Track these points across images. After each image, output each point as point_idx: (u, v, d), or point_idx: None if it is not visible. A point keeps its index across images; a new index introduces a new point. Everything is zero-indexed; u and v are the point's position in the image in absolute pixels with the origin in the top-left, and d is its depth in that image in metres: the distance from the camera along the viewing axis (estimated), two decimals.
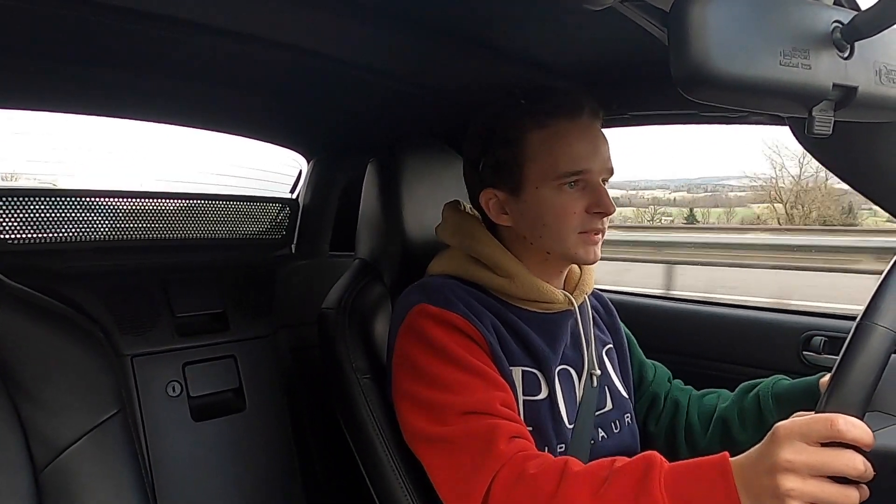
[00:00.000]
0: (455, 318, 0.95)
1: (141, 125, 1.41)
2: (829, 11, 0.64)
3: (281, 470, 1.40)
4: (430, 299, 0.98)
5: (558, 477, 0.78)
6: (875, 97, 0.68)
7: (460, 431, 0.87)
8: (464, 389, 0.90)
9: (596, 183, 0.99)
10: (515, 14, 1.02)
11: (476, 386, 0.90)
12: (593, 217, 0.99)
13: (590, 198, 0.99)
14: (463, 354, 0.93)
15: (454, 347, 0.93)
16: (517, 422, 0.90)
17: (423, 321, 0.96)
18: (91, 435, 1.03)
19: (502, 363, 0.96)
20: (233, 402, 1.38)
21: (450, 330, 0.95)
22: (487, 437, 0.85)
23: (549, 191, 0.99)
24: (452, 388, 0.90)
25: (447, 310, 0.96)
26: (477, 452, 0.85)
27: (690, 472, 0.72)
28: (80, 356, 1.09)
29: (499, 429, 0.85)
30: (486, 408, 0.88)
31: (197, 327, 1.38)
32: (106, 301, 1.26)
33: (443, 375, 0.92)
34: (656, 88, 1.22)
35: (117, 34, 0.99)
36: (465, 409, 0.88)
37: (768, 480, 0.65)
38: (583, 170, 0.98)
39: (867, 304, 0.75)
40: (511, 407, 0.91)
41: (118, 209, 1.38)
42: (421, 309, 0.98)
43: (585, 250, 1.00)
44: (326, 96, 1.38)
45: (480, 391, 0.90)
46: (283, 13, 0.95)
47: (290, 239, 1.75)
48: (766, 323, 1.46)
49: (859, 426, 0.65)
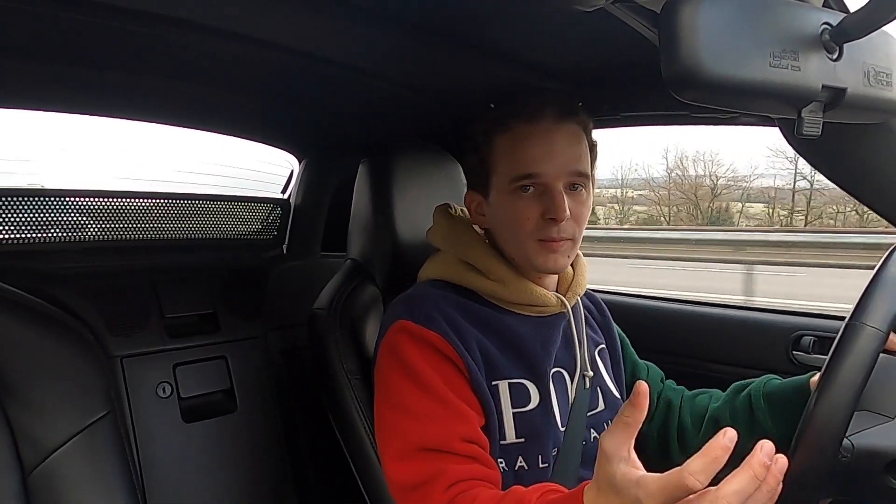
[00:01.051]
0: (434, 338, 0.94)
1: (116, 123, 1.39)
2: (818, 13, 0.64)
3: (272, 471, 1.40)
4: (412, 315, 0.97)
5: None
6: (864, 98, 0.68)
7: (411, 475, 0.88)
8: (425, 419, 0.90)
9: (552, 187, 0.96)
10: (507, 16, 1.02)
11: (437, 417, 0.90)
12: (548, 223, 0.96)
13: (545, 204, 0.96)
14: (433, 379, 0.92)
15: (426, 371, 0.92)
16: (475, 455, 0.89)
17: (402, 339, 0.96)
18: (80, 437, 1.03)
19: (479, 384, 0.94)
20: (223, 404, 1.37)
21: (426, 350, 0.94)
22: (429, 485, 0.86)
23: (506, 195, 0.98)
24: (415, 416, 0.90)
25: (427, 328, 0.95)
26: (420, 497, 0.87)
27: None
28: (70, 358, 1.08)
29: (442, 476, 0.86)
30: (440, 444, 0.88)
31: (187, 328, 1.37)
32: (95, 302, 1.26)
33: (408, 401, 0.92)
34: (647, 89, 1.22)
35: (107, 33, 0.98)
36: (421, 445, 0.88)
37: None
38: (533, 173, 0.95)
39: (856, 304, 0.76)
40: (474, 439, 0.90)
41: (107, 210, 1.38)
42: (401, 325, 0.97)
43: (544, 258, 0.97)
44: (318, 97, 1.38)
45: (441, 423, 0.89)
46: (275, 14, 0.95)
47: (281, 239, 1.74)
48: (757, 323, 1.47)
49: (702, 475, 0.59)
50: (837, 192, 15.31)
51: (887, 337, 0.75)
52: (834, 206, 17.25)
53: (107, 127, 1.40)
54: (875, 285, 0.77)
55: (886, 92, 0.71)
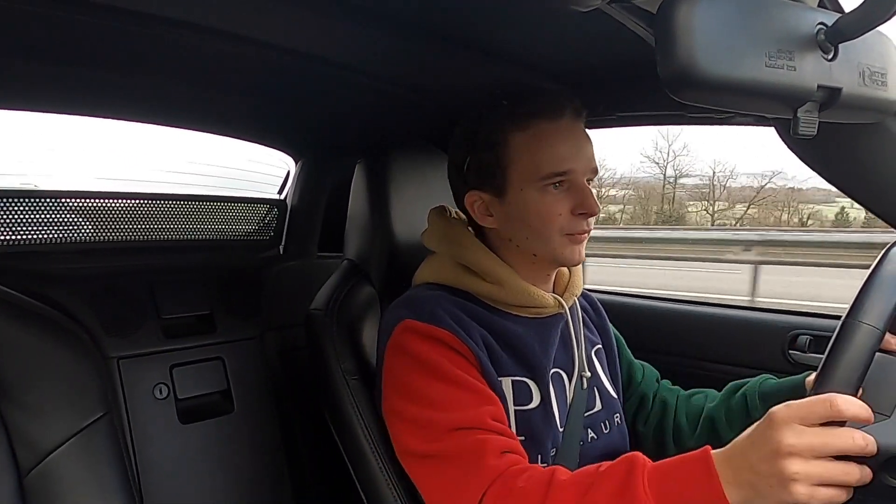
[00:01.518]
0: (442, 334, 0.94)
1: (102, 123, 1.39)
2: (813, 13, 0.65)
3: (269, 471, 1.39)
4: (416, 315, 0.97)
5: (545, 488, 0.78)
6: (859, 98, 0.68)
7: (450, 448, 0.87)
8: (453, 405, 0.89)
9: (580, 184, 0.98)
10: (503, 15, 1.02)
11: (465, 401, 0.90)
12: (578, 218, 0.98)
13: (574, 199, 0.98)
14: (451, 369, 0.92)
15: (442, 362, 0.92)
16: (508, 435, 0.89)
17: (410, 338, 0.95)
18: (77, 438, 1.02)
19: (491, 376, 0.95)
20: (220, 405, 1.37)
21: (437, 345, 0.94)
22: (477, 453, 0.85)
23: (534, 192, 0.98)
24: (441, 404, 0.90)
25: (434, 325, 0.95)
26: (467, 469, 0.85)
27: (673, 469, 0.73)
28: (66, 359, 1.07)
29: (488, 444, 0.85)
30: (475, 423, 0.87)
31: (184, 329, 1.37)
32: (91, 303, 1.25)
33: (431, 392, 0.91)
34: (643, 89, 1.22)
35: (101, 33, 0.98)
36: (454, 426, 0.88)
37: (768, 466, 0.64)
38: (566, 170, 0.97)
39: (852, 302, 0.76)
40: (501, 420, 0.91)
41: (102, 210, 1.37)
42: (407, 325, 0.97)
43: (571, 251, 1.00)
44: (315, 97, 1.37)
45: (470, 406, 0.89)
46: (271, 13, 0.94)
47: (278, 240, 1.74)
48: (753, 322, 1.48)
49: (857, 402, 0.65)
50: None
51: (884, 334, 0.75)
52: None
53: (94, 127, 1.39)
54: (871, 283, 0.78)
55: (881, 92, 0.71)
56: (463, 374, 0.92)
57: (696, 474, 0.69)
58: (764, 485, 0.65)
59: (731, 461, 0.68)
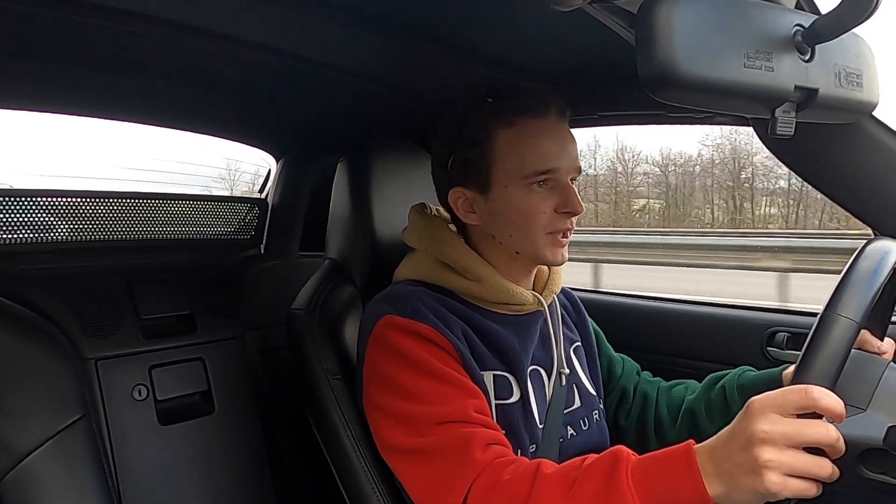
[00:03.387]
0: (424, 329, 0.94)
1: (63, 120, 1.37)
2: (790, 15, 0.66)
3: (251, 473, 1.38)
4: (397, 310, 0.97)
5: (531, 481, 0.78)
6: (835, 99, 0.70)
7: (436, 442, 0.87)
8: (437, 399, 0.89)
9: (564, 182, 0.99)
10: (485, 15, 1.02)
11: (450, 395, 0.90)
12: (561, 216, 0.99)
13: (558, 197, 0.98)
14: (434, 363, 0.92)
15: (425, 357, 0.92)
16: (493, 428, 0.89)
17: (392, 333, 0.95)
18: (54, 441, 1.01)
19: (474, 370, 0.95)
20: (201, 405, 1.36)
21: (419, 340, 0.94)
22: (463, 446, 0.84)
23: (518, 190, 0.98)
24: (426, 398, 0.90)
25: (415, 320, 0.95)
26: (453, 462, 0.84)
27: (656, 463, 0.73)
28: (42, 360, 1.06)
29: (474, 437, 0.85)
30: (460, 416, 0.87)
31: (163, 329, 1.35)
32: (68, 304, 1.23)
33: (415, 386, 0.91)
34: (624, 89, 1.23)
35: (82, 31, 0.97)
36: (439, 420, 0.87)
37: (744, 455, 0.65)
38: (551, 169, 0.97)
39: (831, 295, 0.78)
40: (485, 413, 0.91)
41: (80, 210, 1.35)
42: (389, 321, 0.96)
43: (553, 252, 1.00)
44: (296, 95, 1.37)
45: (454, 400, 0.89)
46: (252, 11, 0.94)
47: (258, 239, 1.73)
48: (732, 319, 1.49)
49: (832, 395, 0.67)
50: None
51: (860, 327, 0.77)
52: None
53: (57, 125, 1.37)
54: (848, 278, 0.79)
55: (857, 93, 0.72)
56: (446, 367, 0.92)
57: (678, 468, 0.70)
58: (740, 473, 0.66)
59: (713, 454, 0.69)
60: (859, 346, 0.92)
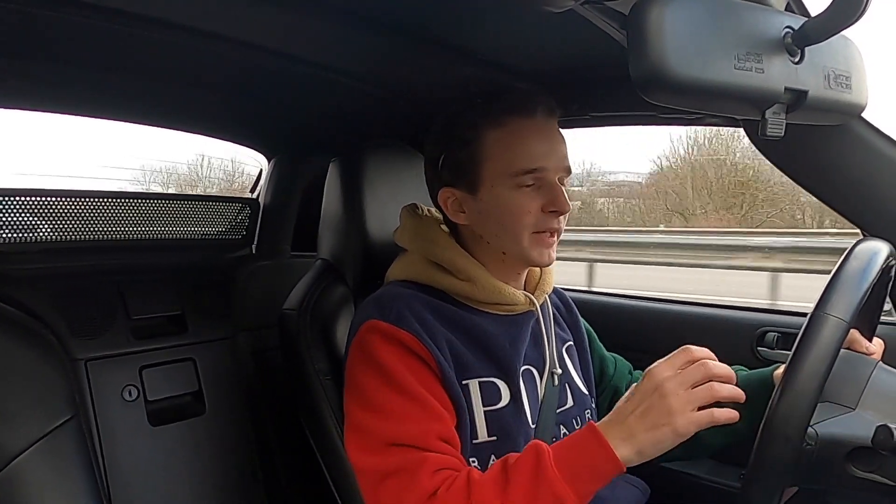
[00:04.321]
0: (405, 337, 0.94)
1: (42, 119, 1.36)
2: (780, 17, 0.66)
3: (242, 474, 1.38)
4: (382, 314, 0.97)
5: (465, 492, 0.82)
6: (824, 101, 0.70)
7: (387, 463, 0.88)
8: (399, 417, 0.89)
9: (552, 182, 0.99)
10: (478, 16, 1.02)
11: (412, 415, 0.90)
12: (549, 216, 0.99)
13: (546, 196, 0.98)
14: (407, 378, 0.92)
15: (399, 370, 0.92)
16: (450, 454, 0.89)
17: (373, 339, 0.95)
18: (43, 442, 1.00)
19: (451, 383, 0.95)
20: (192, 406, 1.35)
21: (398, 349, 0.94)
22: (411, 472, 0.85)
23: (505, 189, 0.98)
24: (389, 414, 0.90)
25: (398, 327, 0.95)
26: (401, 486, 0.86)
27: (571, 446, 0.84)
28: (31, 361, 1.05)
29: (425, 463, 0.86)
30: (416, 440, 0.88)
31: (154, 330, 1.35)
32: (57, 304, 1.23)
33: (380, 400, 0.91)
34: (616, 90, 1.24)
35: (73, 29, 0.96)
36: (393, 440, 0.88)
37: (650, 415, 0.81)
38: (538, 167, 0.98)
39: (820, 296, 0.79)
40: (448, 439, 0.90)
41: (69, 209, 1.34)
42: (372, 325, 0.96)
43: (539, 252, 1.00)
44: (288, 95, 1.36)
45: (416, 421, 0.89)
46: (245, 11, 0.94)
47: (250, 239, 1.72)
48: (722, 320, 1.50)
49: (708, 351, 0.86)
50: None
51: (850, 327, 0.78)
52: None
53: (40, 124, 1.35)
54: (838, 278, 0.80)
55: (846, 95, 0.73)
56: (417, 385, 0.92)
57: (590, 446, 0.82)
58: (645, 432, 0.80)
59: (614, 423, 0.83)
60: (848, 346, 0.93)
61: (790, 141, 0.75)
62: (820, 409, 0.80)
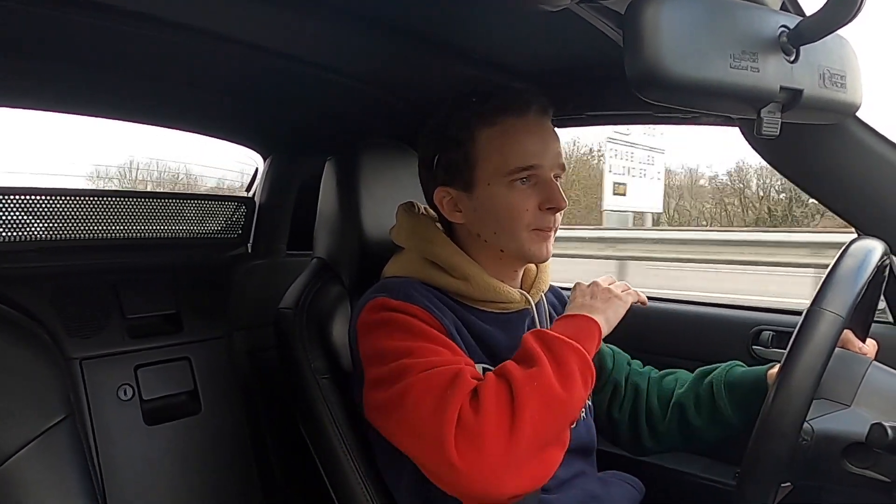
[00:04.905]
0: (417, 310, 0.95)
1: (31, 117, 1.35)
2: (776, 16, 0.66)
3: (238, 473, 1.38)
4: (390, 294, 0.97)
5: (506, 384, 0.85)
6: (819, 100, 0.70)
7: (424, 379, 0.86)
8: (429, 354, 0.89)
9: (547, 179, 1.00)
10: (474, 15, 1.02)
11: (442, 353, 0.90)
12: (545, 213, 1.00)
13: (541, 194, 0.99)
14: (427, 329, 0.93)
15: (418, 324, 0.93)
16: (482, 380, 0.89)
17: (384, 312, 0.95)
18: (37, 442, 1.00)
19: (466, 354, 0.96)
20: (187, 405, 1.35)
21: (412, 318, 0.94)
22: (451, 378, 0.85)
23: (501, 188, 0.99)
24: (417, 353, 0.89)
25: (408, 303, 0.95)
26: (441, 391, 0.84)
27: (565, 321, 0.98)
28: (25, 360, 1.05)
29: (462, 373, 0.86)
30: (451, 364, 0.88)
31: (149, 329, 1.34)
32: (52, 303, 1.22)
33: (407, 346, 0.90)
34: (611, 89, 1.24)
35: (66, 27, 0.96)
36: (429, 366, 0.87)
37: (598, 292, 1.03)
38: (533, 165, 0.98)
39: (816, 292, 0.79)
40: (476, 376, 0.89)
41: (63, 208, 1.34)
42: (381, 302, 0.97)
43: (538, 247, 1.01)
44: (284, 94, 1.36)
45: (447, 356, 0.90)
46: (241, 10, 0.93)
47: (245, 238, 1.72)
48: (717, 318, 1.50)
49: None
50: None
51: (845, 323, 0.78)
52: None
53: (32, 123, 1.34)
54: (834, 275, 0.81)
55: (841, 94, 0.73)
56: (439, 334, 0.93)
57: (571, 319, 0.97)
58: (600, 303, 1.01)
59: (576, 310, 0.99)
60: (842, 346, 0.93)
61: (785, 140, 0.75)
62: (815, 405, 0.80)
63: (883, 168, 1.04)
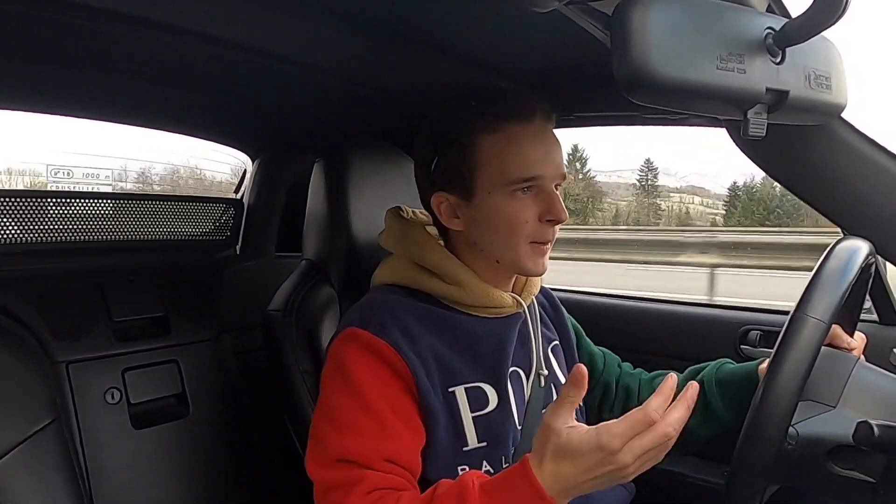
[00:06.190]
0: (383, 347, 0.93)
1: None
2: (762, 18, 0.67)
3: (227, 475, 1.37)
4: (364, 323, 0.95)
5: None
6: (805, 101, 0.71)
7: (330, 478, 0.89)
8: (352, 433, 0.89)
9: (549, 189, 0.97)
10: (463, 16, 1.02)
11: (366, 433, 0.89)
12: (545, 225, 0.97)
13: (542, 205, 0.96)
14: (371, 392, 0.91)
15: (366, 382, 0.91)
16: (393, 474, 0.89)
17: (348, 348, 0.94)
18: (23, 446, 0.99)
19: (427, 397, 0.94)
20: (175, 409, 1.34)
21: (372, 360, 0.93)
22: (347, 489, 0.86)
23: (501, 197, 0.96)
24: (342, 428, 0.90)
25: (379, 337, 0.93)
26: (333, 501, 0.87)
27: (499, 484, 0.79)
28: (11, 364, 1.04)
29: (362, 481, 0.86)
30: (360, 458, 0.88)
31: (137, 332, 1.33)
32: (38, 306, 1.21)
33: (339, 412, 0.91)
34: (600, 90, 1.24)
35: (53, 27, 0.95)
36: (340, 455, 0.88)
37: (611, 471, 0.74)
38: (535, 175, 0.95)
39: (800, 297, 0.80)
40: (396, 459, 0.90)
41: (50, 210, 1.33)
42: (352, 333, 0.95)
43: (535, 262, 0.99)
44: (273, 95, 1.36)
45: (366, 439, 0.89)
46: (229, 10, 0.93)
47: (234, 240, 1.71)
48: (706, 318, 1.51)
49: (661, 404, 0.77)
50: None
51: (829, 328, 0.78)
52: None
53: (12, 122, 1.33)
54: (817, 279, 0.81)
55: (826, 95, 0.74)
56: (381, 400, 0.91)
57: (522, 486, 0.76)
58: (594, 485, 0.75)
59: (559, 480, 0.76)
60: (830, 341, 0.94)
61: (771, 141, 0.76)
62: (801, 407, 0.81)
63: (867, 168, 1.05)
